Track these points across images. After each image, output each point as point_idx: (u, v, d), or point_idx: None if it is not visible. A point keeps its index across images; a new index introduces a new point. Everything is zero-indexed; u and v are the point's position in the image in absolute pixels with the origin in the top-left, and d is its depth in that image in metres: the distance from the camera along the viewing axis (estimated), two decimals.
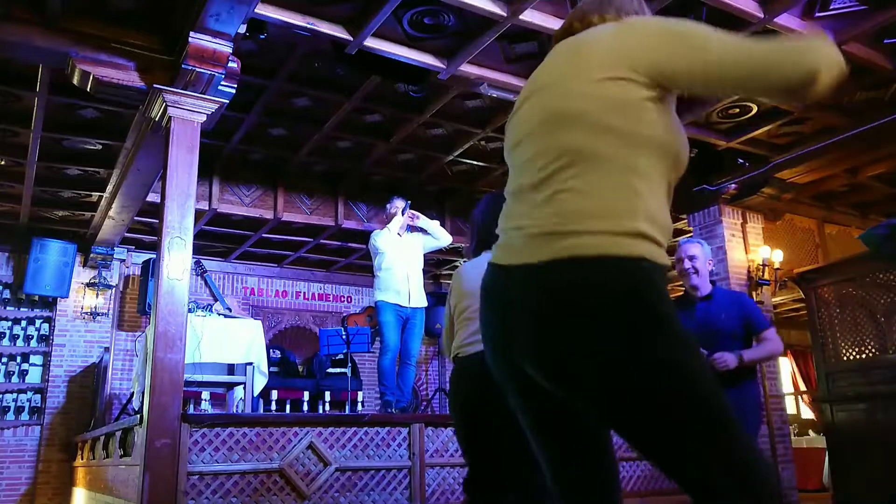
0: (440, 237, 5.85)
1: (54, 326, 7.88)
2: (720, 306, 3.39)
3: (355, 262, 9.35)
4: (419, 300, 5.60)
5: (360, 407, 6.99)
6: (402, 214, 5.70)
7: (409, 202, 5.82)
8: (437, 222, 5.96)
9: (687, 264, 3.45)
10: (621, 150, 1.24)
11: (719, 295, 3.47)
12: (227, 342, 5.85)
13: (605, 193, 1.22)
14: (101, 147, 6.08)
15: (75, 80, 4.21)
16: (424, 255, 5.90)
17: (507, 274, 1.29)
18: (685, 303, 3.49)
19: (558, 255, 1.20)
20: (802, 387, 12.54)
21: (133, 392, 6.11)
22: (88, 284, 8.04)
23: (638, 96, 1.25)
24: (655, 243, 1.23)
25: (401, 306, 5.51)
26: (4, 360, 7.74)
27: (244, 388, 5.92)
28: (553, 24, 4.36)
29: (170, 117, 4.24)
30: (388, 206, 5.89)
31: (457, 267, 9.84)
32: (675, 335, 1.19)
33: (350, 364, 6.97)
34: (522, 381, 1.33)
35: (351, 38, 4.51)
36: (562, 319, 1.20)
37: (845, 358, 5.83)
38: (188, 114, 4.29)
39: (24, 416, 7.63)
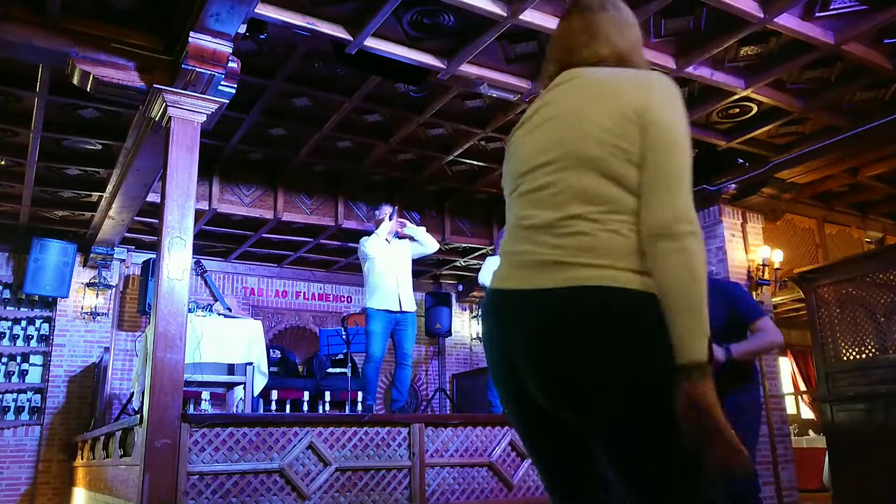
0: (427, 244, 5.87)
1: (54, 326, 7.88)
2: None
3: (355, 262, 9.33)
4: (409, 305, 5.63)
5: (360, 407, 6.98)
6: (390, 220, 5.70)
7: (396, 208, 5.85)
8: (423, 229, 5.95)
9: None
10: (628, 197, 1.31)
11: None
12: (227, 342, 5.84)
13: (621, 240, 1.29)
14: (101, 147, 6.08)
15: (75, 80, 4.21)
16: (417, 259, 5.93)
17: (515, 296, 1.34)
18: None
19: (571, 283, 1.27)
20: (802, 387, 12.53)
21: (133, 392, 6.11)
22: (88, 284, 8.04)
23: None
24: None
25: (391, 312, 5.53)
26: (4, 360, 7.74)
27: (244, 388, 5.92)
28: (553, 24, 4.36)
29: (170, 117, 4.24)
30: (376, 212, 5.91)
31: (457, 267, 9.85)
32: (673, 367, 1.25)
33: (350, 364, 6.97)
34: (525, 405, 1.38)
35: (351, 38, 4.51)
36: (570, 336, 1.25)
37: (845, 358, 5.83)
38: (188, 114, 4.28)
39: (24, 416, 7.63)
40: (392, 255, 5.66)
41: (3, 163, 6.25)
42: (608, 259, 1.26)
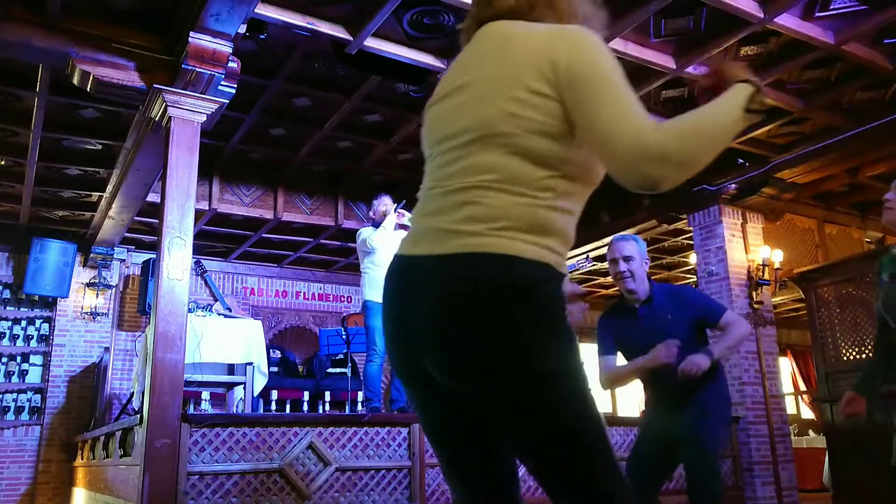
0: None
1: (54, 326, 7.88)
2: (663, 307, 2.98)
3: (355, 262, 9.29)
4: None
5: (360, 407, 6.98)
6: (395, 212, 5.66)
7: (405, 202, 5.79)
8: None
9: (623, 266, 2.98)
10: (535, 171, 1.22)
11: (659, 295, 3.03)
12: (227, 342, 5.84)
13: (518, 209, 1.21)
14: (101, 147, 6.08)
15: (75, 80, 4.21)
16: None
17: (410, 263, 1.29)
18: (624, 311, 3.07)
19: (463, 249, 1.21)
20: (802, 387, 12.54)
21: (133, 392, 6.11)
22: (88, 284, 8.04)
23: (559, 113, 1.21)
24: (561, 255, 1.26)
25: None
26: (4, 360, 7.74)
27: (244, 388, 5.92)
28: None
29: (170, 117, 4.24)
30: (375, 202, 5.81)
31: None
32: (570, 343, 1.22)
33: (350, 364, 6.97)
34: (420, 376, 1.31)
35: (351, 38, 4.51)
36: (458, 307, 1.19)
37: (845, 358, 5.83)
38: (188, 114, 4.29)
39: (24, 416, 7.63)
40: (393, 247, 5.60)
41: (3, 163, 6.25)
42: (498, 226, 1.19)
